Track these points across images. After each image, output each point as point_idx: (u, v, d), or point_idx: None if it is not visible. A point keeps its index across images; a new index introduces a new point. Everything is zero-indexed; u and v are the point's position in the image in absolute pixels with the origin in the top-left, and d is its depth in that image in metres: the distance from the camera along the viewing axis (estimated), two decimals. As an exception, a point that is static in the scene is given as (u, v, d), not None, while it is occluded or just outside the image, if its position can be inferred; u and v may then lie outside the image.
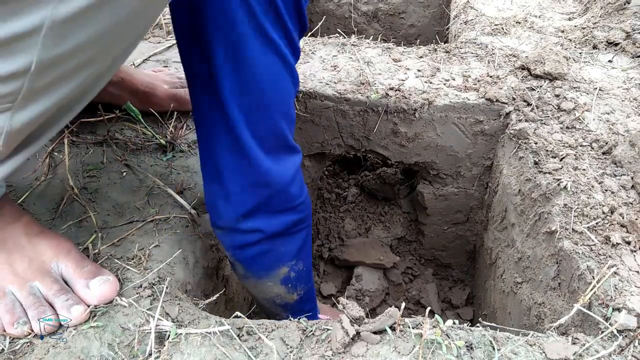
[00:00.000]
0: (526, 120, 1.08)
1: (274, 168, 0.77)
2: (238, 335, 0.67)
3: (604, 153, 0.99)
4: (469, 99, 1.15)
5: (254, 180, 0.77)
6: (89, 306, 0.69)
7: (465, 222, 1.38)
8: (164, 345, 0.65)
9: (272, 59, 0.71)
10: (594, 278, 0.74)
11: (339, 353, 0.64)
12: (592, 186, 0.90)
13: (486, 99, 1.15)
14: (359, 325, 0.66)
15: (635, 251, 0.79)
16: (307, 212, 0.87)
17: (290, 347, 0.66)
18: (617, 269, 0.75)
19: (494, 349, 0.64)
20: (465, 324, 0.68)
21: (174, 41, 1.40)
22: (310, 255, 0.94)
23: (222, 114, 0.72)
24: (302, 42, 1.37)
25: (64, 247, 0.73)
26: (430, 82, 1.21)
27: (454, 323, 0.67)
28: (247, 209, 0.79)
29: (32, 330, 0.66)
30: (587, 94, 1.16)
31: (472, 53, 1.34)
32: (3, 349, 0.64)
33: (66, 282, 0.71)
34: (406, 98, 1.16)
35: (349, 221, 1.56)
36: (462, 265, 1.48)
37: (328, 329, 0.68)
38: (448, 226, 1.40)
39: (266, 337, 0.67)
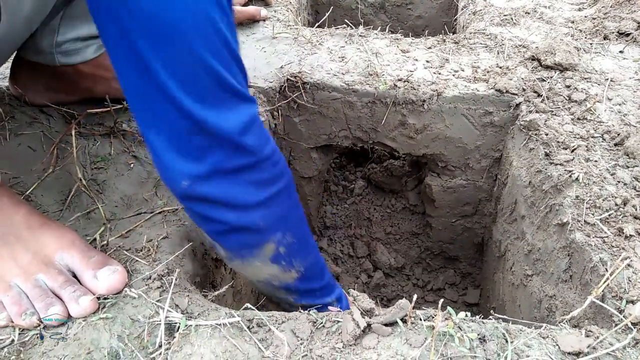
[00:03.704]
0: (537, 112, 1.07)
1: (211, 118, 0.62)
2: (248, 327, 0.66)
3: (615, 144, 0.97)
4: (478, 90, 1.14)
5: (188, 128, 0.62)
6: (97, 297, 0.69)
7: (474, 214, 1.37)
8: (174, 337, 0.65)
9: None
10: (607, 270, 0.74)
11: (350, 345, 0.64)
12: (604, 178, 0.89)
13: (496, 90, 1.13)
14: (370, 317, 0.65)
15: (649, 243, 0.78)
16: (278, 171, 0.72)
17: (301, 339, 0.65)
18: (631, 261, 0.74)
19: (507, 341, 0.64)
20: (477, 317, 0.67)
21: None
22: (302, 223, 0.80)
23: (130, 48, 0.58)
24: (310, 33, 1.36)
25: (68, 238, 0.72)
26: (439, 73, 1.20)
27: (466, 315, 0.66)
28: (200, 170, 0.64)
29: (41, 322, 0.66)
30: (599, 84, 1.14)
31: (481, 44, 1.33)
32: (13, 340, 0.64)
33: (73, 274, 0.71)
34: (415, 89, 1.15)
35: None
36: (470, 258, 1.47)
37: (339, 321, 0.67)
38: (456, 219, 1.39)
39: (276, 328, 0.66)
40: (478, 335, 0.64)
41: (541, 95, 1.11)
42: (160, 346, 0.64)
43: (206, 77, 0.61)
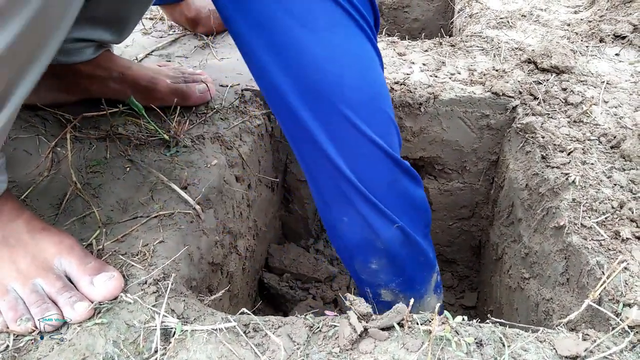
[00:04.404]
0: (533, 114, 1.07)
1: (404, 163, 0.81)
2: (244, 332, 0.66)
3: (612, 147, 0.97)
4: (474, 93, 1.14)
5: (398, 173, 0.80)
6: (93, 302, 0.68)
7: (471, 217, 1.37)
8: (170, 342, 0.64)
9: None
10: (604, 273, 0.73)
11: (347, 350, 0.63)
12: (601, 180, 0.89)
13: (492, 93, 1.14)
14: (367, 322, 0.65)
15: (645, 246, 0.78)
16: None
17: (297, 344, 0.65)
18: (628, 264, 0.74)
19: (503, 345, 0.64)
20: (474, 320, 0.67)
21: (177, 35, 1.39)
22: None
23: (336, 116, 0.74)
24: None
25: (67, 243, 0.72)
26: (436, 76, 1.20)
27: (463, 319, 0.66)
28: (405, 215, 0.81)
29: (36, 328, 0.66)
30: (595, 87, 1.15)
31: (477, 47, 1.33)
32: (8, 346, 0.64)
33: (70, 279, 0.71)
34: (411, 92, 1.15)
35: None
36: (467, 261, 1.47)
37: (335, 326, 0.67)
38: (453, 221, 1.39)
39: (273, 333, 0.66)
40: (475, 339, 0.64)
41: (537, 98, 1.11)
42: (156, 351, 0.64)
43: (394, 130, 0.79)
